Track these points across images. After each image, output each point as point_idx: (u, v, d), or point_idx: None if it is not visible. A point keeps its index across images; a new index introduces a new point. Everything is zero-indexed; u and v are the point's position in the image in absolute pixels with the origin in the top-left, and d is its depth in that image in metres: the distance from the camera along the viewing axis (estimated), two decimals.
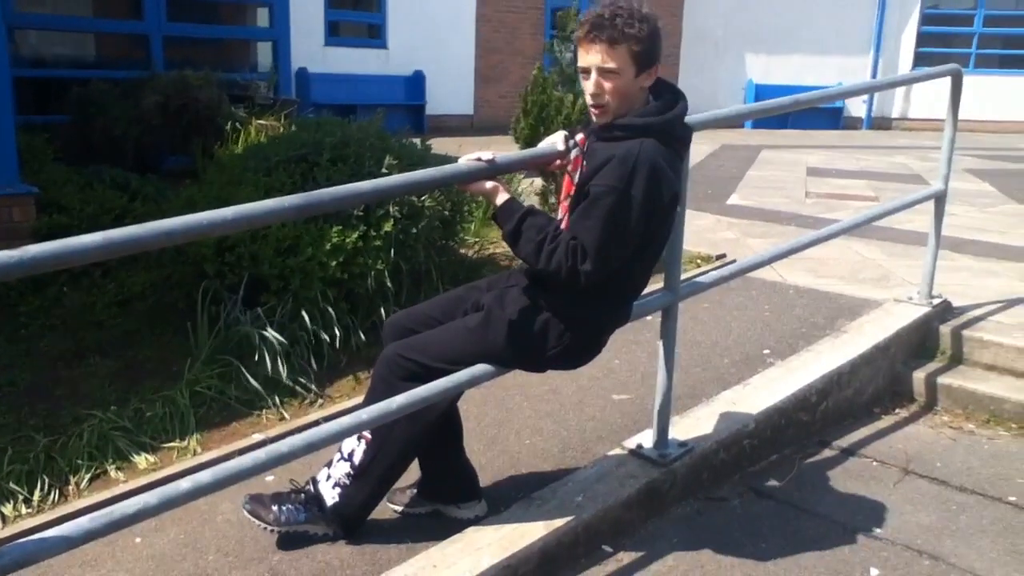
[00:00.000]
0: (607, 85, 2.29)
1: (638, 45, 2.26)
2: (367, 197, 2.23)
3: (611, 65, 2.27)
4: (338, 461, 2.54)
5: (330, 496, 2.53)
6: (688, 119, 2.52)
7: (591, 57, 2.29)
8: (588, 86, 2.34)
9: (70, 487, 3.07)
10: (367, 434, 2.47)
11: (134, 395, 3.64)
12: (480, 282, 2.70)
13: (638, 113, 2.32)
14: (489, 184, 2.35)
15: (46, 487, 3.04)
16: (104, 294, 4.49)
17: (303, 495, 2.58)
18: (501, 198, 2.34)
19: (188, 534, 2.69)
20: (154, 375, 3.84)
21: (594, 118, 2.39)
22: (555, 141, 2.48)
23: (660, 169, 2.24)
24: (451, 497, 2.74)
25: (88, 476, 3.11)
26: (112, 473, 3.15)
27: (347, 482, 2.51)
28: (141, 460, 3.21)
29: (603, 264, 2.23)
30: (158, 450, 3.29)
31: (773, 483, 3.23)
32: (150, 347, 4.11)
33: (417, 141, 4.90)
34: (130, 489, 2.93)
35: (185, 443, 3.32)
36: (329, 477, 2.54)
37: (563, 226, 2.31)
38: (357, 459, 2.49)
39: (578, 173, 2.35)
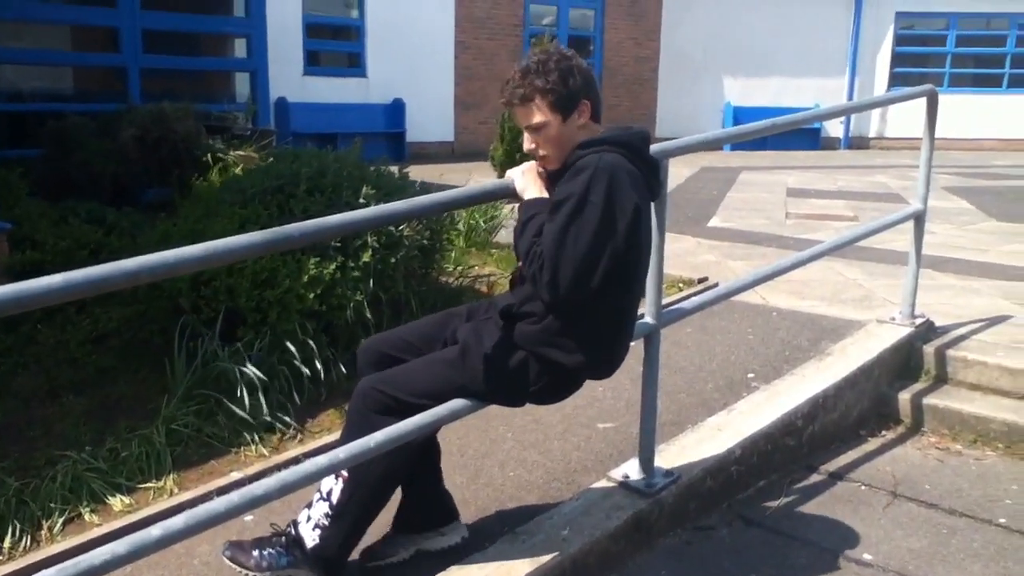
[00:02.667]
0: (540, 139, 2.34)
1: (551, 95, 2.29)
2: (335, 231, 2.18)
3: (534, 121, 2.32)
4: (317, 501, 2.47)
5: (310, 538, 2.45)
6: (665, 145, 2.50)
7: (518, 119, 2.37)
8: (525, 143, 2.40)
9: (43, 532, 2.99)
10: (344, 471, 2.41)
11: (109, 434, 3.55)
12: (459, 308, 2.66)
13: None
14: (537, 182, 2.37)
15: (18, 533, 2.95)
16: (79, 331, 4.40)
17: (284, 538, 2.50)
18: (532, 194, 2.35)
19: None
20: (130, 413, 3.76)
21: (542, 170, 2.40)
22: (514, 177, 2.46)
23: (621, 177, 2.19)
24: (431, 524, 2.67)
25: (61, 520, 3.03)
26: (87, 516, 3.06)
27: (326, 523, 2.44)
28: (116, 502, 3.13)
29: (572, 281, 2.15)
30: (134, 491, 3.21)
31: (761, 510, 3.18)
32: (126, 384, 4.03)
33: (395, 170, 4.87)
34: (104, 534, 2.84)
35: (162, 483, 3.25)
36: (309, 518, 2.47)
37: None
38: (335, 498, 2.43)
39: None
